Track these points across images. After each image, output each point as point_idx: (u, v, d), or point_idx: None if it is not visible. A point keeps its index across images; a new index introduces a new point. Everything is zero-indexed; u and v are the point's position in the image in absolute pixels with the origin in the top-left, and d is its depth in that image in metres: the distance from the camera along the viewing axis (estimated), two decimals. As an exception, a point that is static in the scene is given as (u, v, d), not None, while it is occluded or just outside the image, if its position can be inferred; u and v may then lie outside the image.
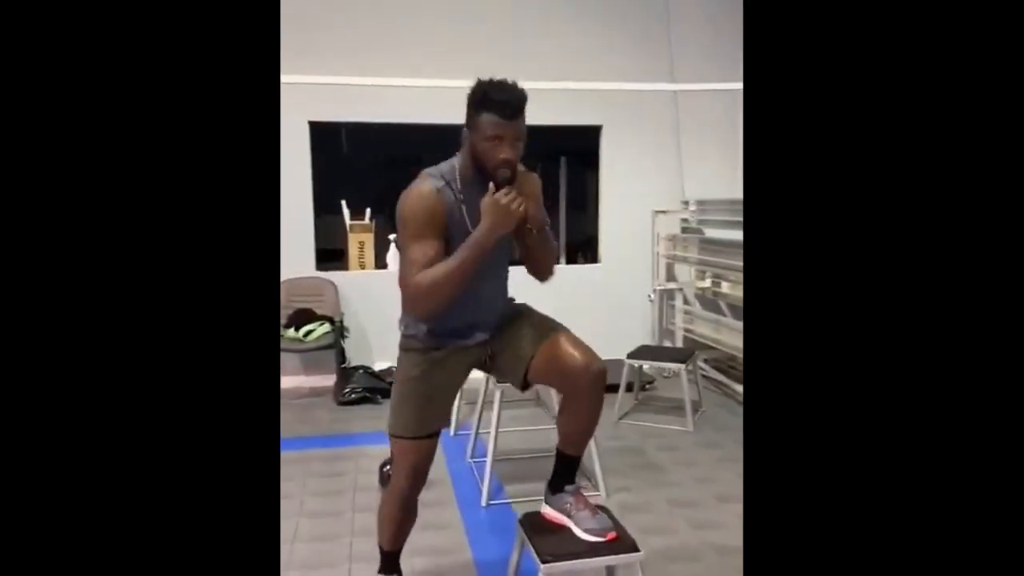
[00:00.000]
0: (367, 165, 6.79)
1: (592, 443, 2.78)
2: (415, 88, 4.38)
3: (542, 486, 2.79)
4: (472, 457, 3.12)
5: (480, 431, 3.15)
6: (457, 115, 1.74)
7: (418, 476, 1.87)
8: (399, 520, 1.94)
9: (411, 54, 4.39)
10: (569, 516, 1.82)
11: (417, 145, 6.96)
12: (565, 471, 1.88)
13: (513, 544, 1.99)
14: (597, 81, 4.60)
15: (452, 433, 3.46)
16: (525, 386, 1.83)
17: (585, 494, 1.90)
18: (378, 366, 4.28)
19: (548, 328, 1.79)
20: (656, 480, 2.92)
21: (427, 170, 1.74)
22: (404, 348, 1.86)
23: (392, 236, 4.61)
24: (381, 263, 4.58)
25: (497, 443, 2.77)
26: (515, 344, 1.80)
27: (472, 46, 4.43)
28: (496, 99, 1.62)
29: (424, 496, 2.75)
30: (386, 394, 4.05)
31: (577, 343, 1.75)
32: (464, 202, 1.69)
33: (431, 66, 4.38)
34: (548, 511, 1.90)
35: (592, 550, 1.74)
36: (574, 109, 4.61)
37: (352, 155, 6.50)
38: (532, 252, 1.80)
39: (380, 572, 2.00)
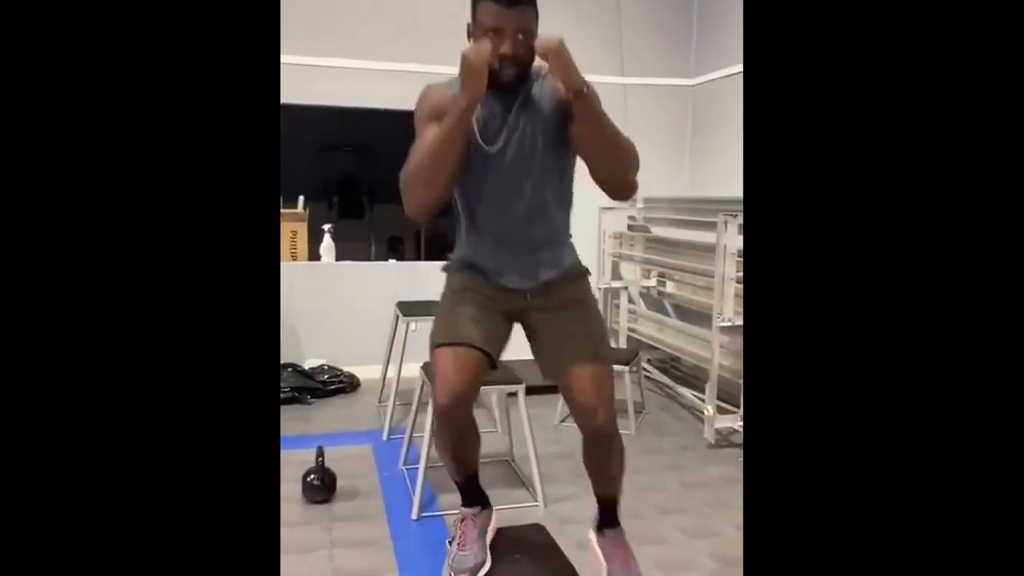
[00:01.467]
0: (301, 150, 6.49)
1: (531, 449, 2.65)
2: (358, 70, 4.15)
3: (478, 496, 2.65)
4: (405, 464, 2.94)
5: (414, 435, 2.98)
6: (403, 101, 1.61)
7: (456, 391, 1.54)
8: (454, 444, 1.71)
9: (354, 34, 4.16)
10: (607, 559, 1.74)
11: (357, 130, 6.75)
12: (603, 514, 1.81)
13: (444, 563, 1.84)
14: (545, 71, 4.46)
15: (385, 437, 3.27)
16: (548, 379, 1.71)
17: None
18: (308, 364, 4.04)
19: (596, 354, 1.62)
20: (597, 489, 2.80)
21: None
22: (448, 268, 1.73)
23: (327, 226, 4.37)
24: (314, 255, 4.33)
25: (431, 449, 2.60)
26: (561, 341, 1.63)
27: (418, 27, 4.22)
28: None
29: (350, 508, 2.58)
30: (316, 394, 3.83)
31: (603, 387, 1.60)
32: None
33: (376, 48, 4.15)
34: (594, 541, 1.82)
35: None
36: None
37: (286, 139, 6.20)
38: (585, 134, 1.50)
39: (462, 505, 1.83)
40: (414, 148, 1.49)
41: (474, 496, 1.82)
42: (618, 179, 1.57)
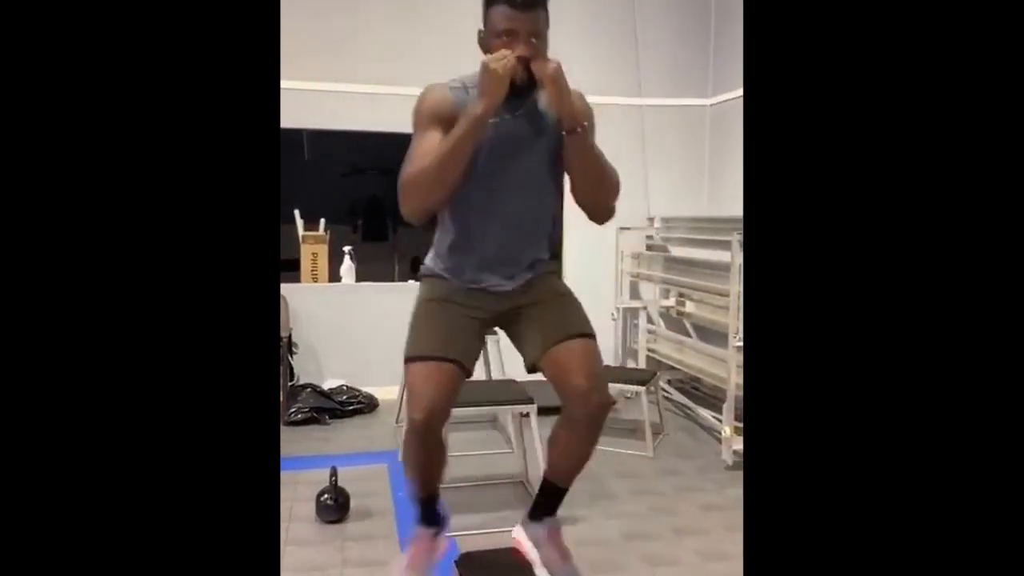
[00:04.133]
0: (325, 173, 6.60)
1: (544, 470, 2.63)
2: (378, 95, 4.23)
3: (492, 517, 2.65)
4: (419, 484, 2.94)
5: (429, 456, 2.98)
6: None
7: (431, 406, 1.55)
8: (423, 461, 1.69)
9: (376, 61, 4.25)
10: (537, 548, 1.68)
11: (382, 154, 6.85)
12: (548, 501, 1.74)
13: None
14: (562, 93, 4.49)
15: (400, 457, 3.28)
16: (533, 370, 1.67)
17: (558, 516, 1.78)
18: (327, 384, 4.08)
19: (578, 327, 1.62)
20: (612, 510, 2.77)
21: (457, 76, 1.59)
22: (422, 275, 1.72)
23: (347, 248, 4.43)
24: (335, 276, 4.40)
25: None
26: (539, 322, 1.62)
27: (440, 55, 4.29)
28: None
29: (363, 528, 2.59)
30: (334, 414, 3.87)
31: (591, 364, 1.59)
32: None
33: (396, 74, 4.24)
34: (520, 536, 1.76)
35: None
36: (539, 121, 4.50)
37: (310, 163, 6.31)
38: (575, 165, 1.54)
39: (418, 523, 1.77)
40: (415, 149, 1.48)
41: (433, 517, 1.77)
42: (600, 204, 1.62)
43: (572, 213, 1.68)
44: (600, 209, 1.63)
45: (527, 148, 1.54)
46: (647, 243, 4.62)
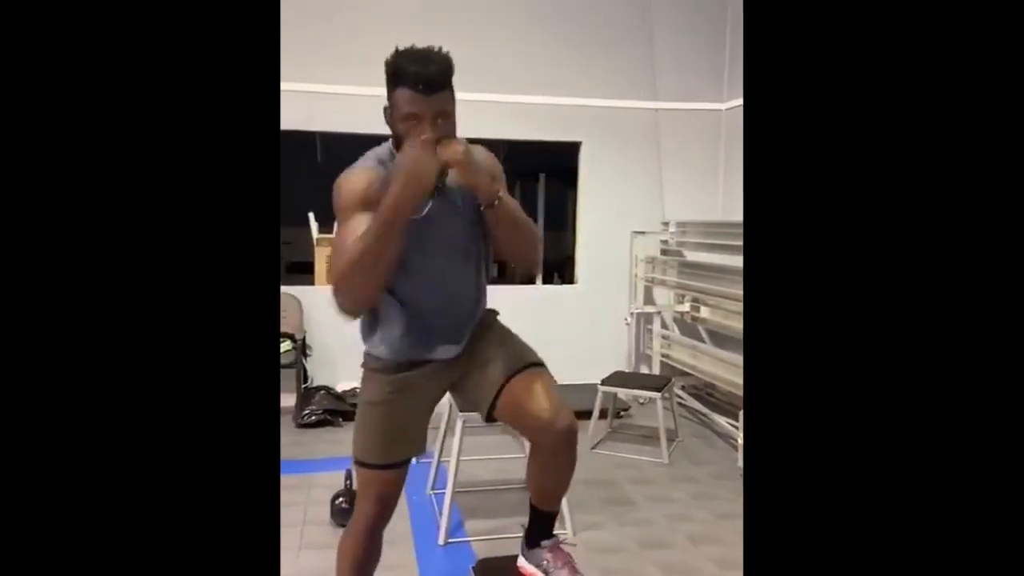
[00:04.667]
0: (339, 177, 6.63)
1: (560, 476, 2.62)
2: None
3: (507, 522, 2.64)
4: (434, 488, 2.94)
5: (443, 459, 2.98)
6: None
7: (384, 507, 1.63)
8: (360, 558, 1.68)
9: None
10: (547, 573, 1.67)
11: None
12: (541, 526, 1.71)
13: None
14: (577, 97, 4.49)
15: (414, 460, 3.28)
16: (491, 419, 1.62)
17: (555, 533, 1.76)
18: (341, 387, 4.08)
19: (520, 361, 1.55)
20: (627, 517, 2.75)
21: (368, 152, 1.56)
22: (366, 367, 1.65)
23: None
24: (349, 278, 4.40)
25: (459, 473, 2.60)
26: (482, 371, 1.57)
27: (454, 58, 4.30)
28: (410, 71, 1.39)
29: (377, 532, 2.59)
30: (348, 416, 3.87)
31: (547, 390, 1.52)
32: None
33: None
34: (524, 565, 1.74)
35: None
36: (553, 124, 4.50)
37: (325, 166, 6.34)
38: (495, 233, 1.51)
39: None
40: (344, 241, 1.40)
41: None
42: (525, 261, 1.59)
43: (583, 214, 1.64)
44: (525, 265, 1.62)
45: (451, 217, 1.51)
46: (661, 247, 4.60)
